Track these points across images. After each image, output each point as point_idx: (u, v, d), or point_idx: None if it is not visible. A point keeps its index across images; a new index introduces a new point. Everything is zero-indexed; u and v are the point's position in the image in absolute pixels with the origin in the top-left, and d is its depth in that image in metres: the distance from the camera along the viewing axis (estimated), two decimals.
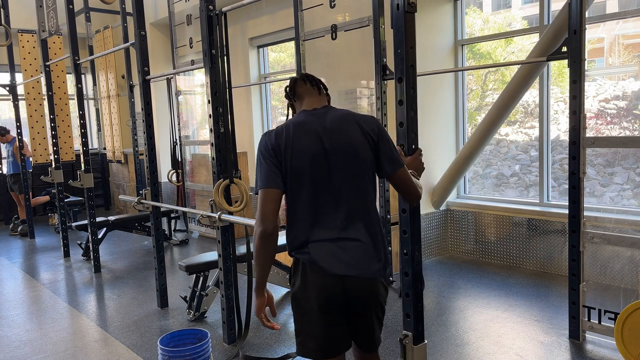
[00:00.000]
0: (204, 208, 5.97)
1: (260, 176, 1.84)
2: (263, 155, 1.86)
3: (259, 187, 1.83)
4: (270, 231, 1.80)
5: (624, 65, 4.81)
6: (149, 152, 3.97)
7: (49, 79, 5.71)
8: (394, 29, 2.18)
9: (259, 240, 1.81)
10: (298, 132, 1.86)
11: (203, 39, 3.28)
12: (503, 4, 5.59)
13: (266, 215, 1.80)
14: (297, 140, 1.84)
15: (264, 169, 1.83)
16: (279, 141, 1.84)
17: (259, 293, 1.91)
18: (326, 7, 4.56)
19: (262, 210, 1.80)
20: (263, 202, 1.81)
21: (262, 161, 1.85)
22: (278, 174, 1.82)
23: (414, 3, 2.13)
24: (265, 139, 1.88)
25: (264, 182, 1.82)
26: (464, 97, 5.36)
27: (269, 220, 1.79)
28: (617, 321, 2.76)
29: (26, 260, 5.91)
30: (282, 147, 1.83)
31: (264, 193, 1.81)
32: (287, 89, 2.08)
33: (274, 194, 1.81)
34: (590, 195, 4.54)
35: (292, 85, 2.06)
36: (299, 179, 1.83)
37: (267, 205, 1.80)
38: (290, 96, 2.07)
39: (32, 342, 3.55)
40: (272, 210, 1.80)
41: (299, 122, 1.90)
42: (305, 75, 2.10)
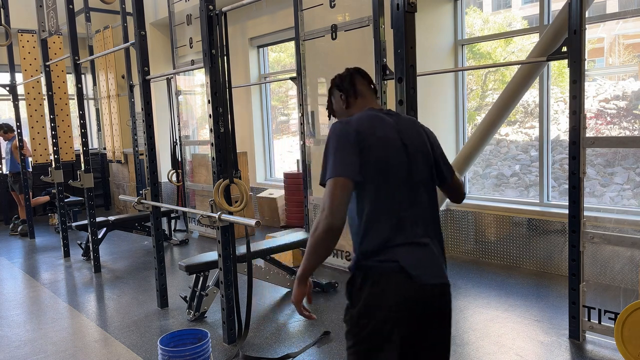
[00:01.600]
0: (204, 208, 5.97)
1: (333, 163, 1.63)
2: (341, 141, 1.66)
3: (332, 175, 1.61)
4: (339, 226, 1.58)
5: (624, 65, 4.81)
6: (149, 152, 3.97)
7: (49, 79, 5.71)
8: (394, 29, 2.18)
9: (326, 234, 1.58)
10: (377, 123, 1.72)
11: (203, 39, 3.28)
12: (503, 4, 5.59)
13: (338, 207, 1.58)
14: (379, 131, 1.69)
15: (340, 156, 1.63)
16: (361, 128, 1.68)
17: (303, 282, 1.69)
18: (326, 7, 4.56)
19: (332, 202, 1.58)
20: (334, 192, 1.59)
21: (339, 147, 1.65)
22: (357, 163, 1.63)
23: (414, 3, 2.13)
24: (343, 125, 1.70)
25: (338, 170, 1.61)
26: (464, 97, 5.36)
27: (341, 214, 1.58)
28: (617, 321, 2.76)
29: (26, 260, 5.91)
30: (365, 135, 1.66)
31: (338, 182, 1.60)
32: (345, 80, 1.92)
33: (349, 185, 1.61)
34: (590, 195, 4.54)
35: (351, 78, 1.92)
36: (382, 172, 1.66)
37: (340, 197, 1.59)
38: (349, 89, 1.91)
39: (32, 342, 3.55)
40: (344, 202, 1.60)
41: (374, 116, 1.76)
42: (363, 72, 1.96)
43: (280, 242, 4.31)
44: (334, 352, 3.16)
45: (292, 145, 7.70)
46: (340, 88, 1.92)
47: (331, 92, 1.97)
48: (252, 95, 7.33)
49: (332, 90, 1.96)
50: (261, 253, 4.08)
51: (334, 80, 1.95)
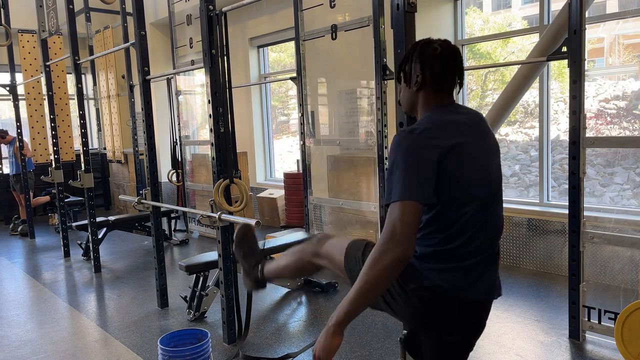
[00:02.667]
0: (204, 208, 5.96)
1: (403, 183, 1.42)
2: (411, 156, 1.44)
3: (401, 197, 1.41)
4: (410, 256, 1.41)
5: (624, 65, 4.81)
6: (149, 152, 3.97)
7: (49, 79, 5.71)
8: (394, 29, 2.18)
9: (396, 264, 1.38)
10: (452, 132, 1.51)
11: (203, 39, 3.28)
12: (503, 4, 5.59)
13: (410, 235, 1.39)
14: (455, 141, 1.48)
15: (410, 175, 1.42)
16: (436, 140, 1.47)
17: (341, 330, 1.45)
18: (326, 7, 4.56)
19: (404, 228, 1.38)
20: (404, 217, 1.39)
21: (410, 163, 1.43)
22: (431, 184, 1.44)
23: (414, 3, 2.13)
24: (413, 136, 1.47)
25: (409, 192, 1.41)
26: (464, 97, 5.36)
27: (413, 242, 1.41)
28: (617, 321, 2.76)
29: (26, 260, 5.91)
30: (441, 149, 1.45)
31: (408, 207, 1.40)
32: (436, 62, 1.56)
33: (420, 210, 1.43)
34: (590, 195, 4.54)
35: (447, 65, 1.57)
36: (460, 192, 1.49)
37: (412, 223, 1.40)
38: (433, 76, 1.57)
39: (32, 342, 3.55)
40: (415, 230, 1.42)
41: (447, 122, 1.54)
42: (460, 58, 1.61)
43: (280, 242, 4.31)
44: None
45: (292, 145, 7.70)
46: (423, 65, 1.58)
47: (411, 59, 1.61)
48: (252, 95, 7.33)
49: (414, 59, 1.61)
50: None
51: (424, 50, 1.58)
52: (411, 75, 1.62)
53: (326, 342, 1.43)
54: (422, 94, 1.61)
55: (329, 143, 4.88)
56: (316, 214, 5.01)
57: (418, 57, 1.59)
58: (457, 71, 1.61)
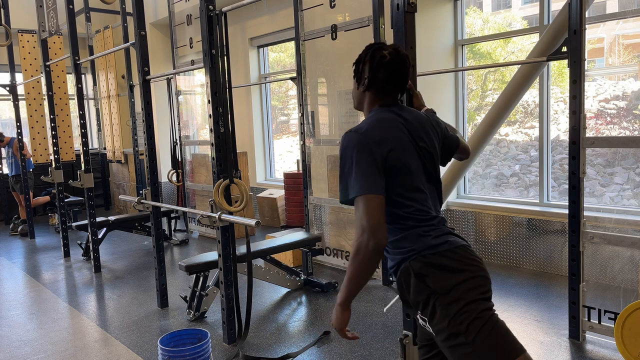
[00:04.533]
0: (204, 208, 5.97)
1: (359, 179, 1.59)
2: (361, 155, 1.61)
3: (361, 192, 1.58)
4: (384, 244, 1.57)
5: (624, 65, 4.81)
6: (149, 152, 3.97)
7: (49, 79, 5.71)
8: (394, 29, 2.18)
9: (372, 254, 1.54)
10: (392, 130, 1.69)
11: (203, 39, 3.28)
12: (503, 4, 5.59)
13: (380, 225, 1.56)
14: (394, 139, 1.67)
15: (364, 171, 1.59)
16: (377, 139, 1.65)
17: (347, 307, 1.65)
18: (326, 7, 4.56)
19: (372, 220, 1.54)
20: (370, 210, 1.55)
21: (361, 162, 1.60)
22: (381, 178, 1.61)
23: (414, 3, 2.13)
24: (360, 136, 1.64)
25: (368, 187, 1.58)
26: (464, 97, 5.36)
27: (384, 231, 1.57)
28: (617, 321, 2.76)
29: (26, 260, 5.91)
30: (382, 146, 1.63)
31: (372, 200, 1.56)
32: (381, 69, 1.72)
33: (382, 202, 1.59)
34: (590, 195, 4.54)
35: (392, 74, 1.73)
36: (402, 183, 1.67)
37: (379, 214, 1.56)
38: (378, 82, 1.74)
39: (32, 342, 3.55)
40: (384, 219, 1.58)
41: (387, 120, 1.72)
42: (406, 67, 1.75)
43: (280, 242, 4.31)
44: (334, 352, 3.16)
45: (292, 145, 7.70)
46: (371, 70, 1.74)
47: (363, 62, 1.78)
48: (252, 95, 7.33)
49: (365, 62, 1.77)
50: (261, 253, 4.08)
51: (373, 55, 1.74)
52: (361, 75, 1.78)
53: (337, 318, 1.65)
54: (368, 94, 1.79)
55: (329, 143, 4.88)
56: (316, 214, 5.01)
57: (368, 60, 1.74)
58: (401, 79, 1.75)
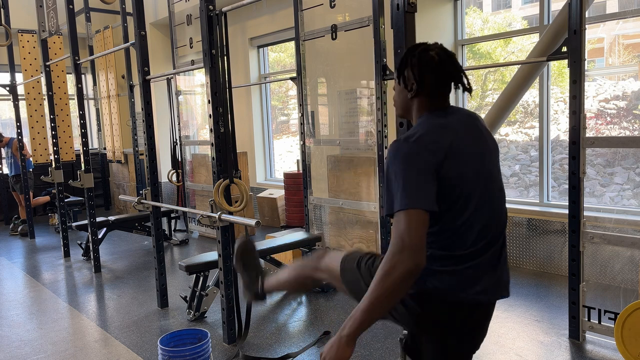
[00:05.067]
0: (204, 208, 5.97)
1: (405, 191, 1.40)
2: (410, 164, 1.44)
3: (405, 206, 1.39)
4: (423, 266, 1.37)
5: (624, 65, 4.81)
6: (149, 152, 3.97)
7: (49, 79, 5.71)
8: (394, 29, 2.18)
9: (408, 275, 1.34)
10: (447, 136, 1.52)
11: (203, 39, 3.28)
12: (503, 4, 5.59)
13: (420, 244, 1.36)
14: (451, 146, 1.50)
15: (411, 183, 1.42)
16: (431, 146, 1.48)
17: (353, 341, 1.41)
18: (326, 7, 4.56)
19: (413, 238, 1.36)
20: (412, 226, 1.36)
21: (410, 171, 1.42)
22: (432, 191, 1.44)
23: (414, 3, 2.13)
24: (410, 144, 1.47)
25: (413, 200, 1.40)
26: (464, 97, 5.36)
27: (424, 252, 1.37)
28: (617, 321, 2.76)
29: (26, 260, 5.91)
30: (438, 155, 1.47)
31: (414, 216, 1.38)
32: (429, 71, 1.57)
33: (426, 219, 1.40)
34: (590, 195, 4.54)
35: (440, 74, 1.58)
36: (459, 197, 1.50)
37: (420, 233, 1.38)
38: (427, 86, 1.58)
39: (32, 342, 3.55)
40: (424, 238, 1.39)
41: (441, 126, 1.55)
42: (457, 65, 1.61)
43: (280, 242, 4.31)
44: None
45: (292, 145, 7.70)
46: (418, 75, 1.58)
47: (406, 66, 1.62)
48: (252, 95, 7.33)
49: (408, 66, 1.61)
50: (261, 253, 4.07)
51: (418, 57, 1.58)
52: (408, 80, 1.61)
53: (338, 353, 1.40)
54: (417, 100, 1.62)
55: (329, 143, 4.88)
56: (316, 214, 5.01)
57: (417, 64, 1.58)
58: (453, 77, 1.61)
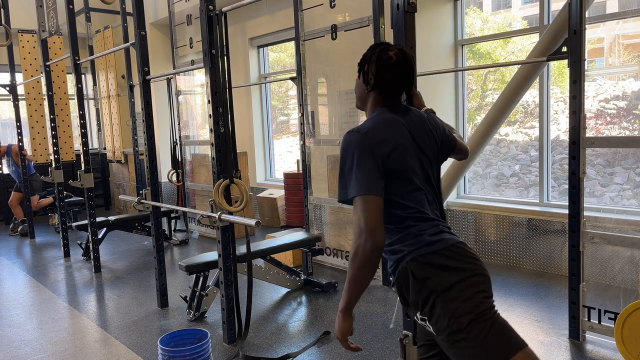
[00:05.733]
0: (204, 208, 5.97)
1: (358, 179, 1.58)
2: (362, 154, 1.60)
3: (360, 192, 1.57)
4: (383, 244, 1.56)
5: (624, 65, 4.81)
6: (149, 152, 3.97)
7: (49, 79, 5.71)
8: (394, 29, 2.19)
9: (371, 255, 1.53)
10: (393, 130, 1.69)
11: (203, 39, 3.28)
12: (503, 4, 5.59)
13: (377, 225, 1.55)
14: (395, 139, 1.67)
15: (364, 171, 1.58)
16: (379, 139, 1.64)
17: (348, 314, 1.63)
18: (326, 7, 4.56)
19: (370, 221, 1.54)
20: (368, 211, 1.55)
21: (361, 161, 1.59)
22: (381, 179, 1.60)
23: (414, 3, 2.13)
24: (361, 136, 1.64)
25: (367, 187, 1.57)
26: (464, 97, 5.36)
27: (381, 231, 1.56)
28: (617, 321, 2.76)
29: (26, 260, 5.91)
30: (383, 147, 1.63)
31: (370, 201, 1.56)
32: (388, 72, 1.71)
33: (380, 203, 1.59)
34: (590, 195, 4.54)
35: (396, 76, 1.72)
36: (403, 185, 1.66)
37: (377, 215, 1.56)
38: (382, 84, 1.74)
39: (32, 342, 3.55)
40: (381, 220, 1.58)
41: (388, 121, 1.71)
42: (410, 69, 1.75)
43: (280, 242, 4.32)
44: (334, 352, 3.16)
45: (292, 145, 7.70)
46: (377, 72, 1.73)
47: (367, 63, 1.77)
48: (252, 95, 7.33)
49: (370, 63, 1.76)
50: (261, 253, 4.08)
51: (379, 57, 1.73)
52: (367, 75, 1.76)
53: (339, 327, 1.64)
54: (372, 95, 1.78)
55: (329, 143, 4.88)
56: (316, 214, 5.01)
57: (375, 61, 1.73)
58: (407, 79, 1.75)
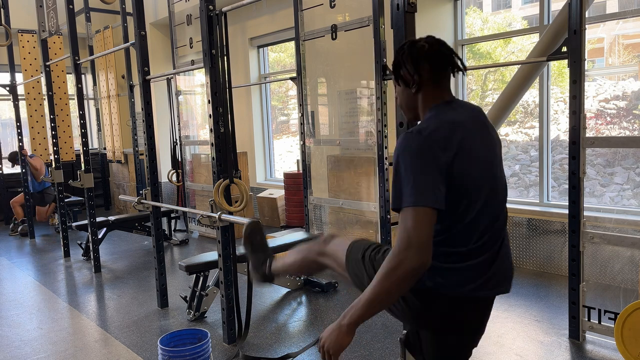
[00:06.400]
0: (204, 208, 5.96)
1: (413, 187, 1.38)
2: (419, 158, 1.40)
3: (413, 203, 1.37)
4: (429, 264, 1.37)
5: (624, 65, 4.81)
6: (149, 152, 3.97)
7: (49, 79, 5.71)
8: (394, 29, 2.18)
9: (413, 272, 1.34)
10: (457, 132, 1.47)
11: (203, 39, 3.28)
12: (503, 4, 5.59)
13: (427, 242, 1.35)
14: (461, 141, 1.46)
15: (420, 178, 1.38)
16: (441, 142, 1.43)
17: (353, 330, 1.45)
18: (326, 7, 4.56)
19: (420, 236, 1.34)
20: (419, 224, 1.35)
21: (418, 166, 1.39)
22: (442, 188, 1.41)
23: (414, 3, 2.13)
24: (419, 138, 1.42)
25: (421, 197, 1.37)
26: (464, 97, 5.36)
27: (430, 250, 1.36)
28: (617, 321, 2.76)
29: (26, 260, 5.91)
30: (447, 150, 1.42)
31: (422, 213, 1.36)
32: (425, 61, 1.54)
33: (434, 217, 1.39)
34: (590, 195, 4.54)
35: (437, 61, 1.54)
36: (467, 194, 1.48)
37: (428, 230, 1.36)
38: (426, 74, 1.55)
39: (32, 342, 3.55)
40: (431, 236, 1.38)
41: (452, 122, 1.49)
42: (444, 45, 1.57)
43: (280, 242, 4.31)
44: None
45: (292, 145, 7.70)
46: (416, 66, 1.56)
47: (403, 63, 1.59)
48: (252, 95, 7.33)
49: (406, 61, 1.58)
50: None
51: (412, 51, 1.56)
52: (407, 77, 1.60)
53: (338, 340, 1.45)
54: (421, 93, 1.59)
55: (329, 143, 4.88)
56: (316, 214, 5.01)
57: (409, 57, 1.57)
58: (448, 59, 1.57)
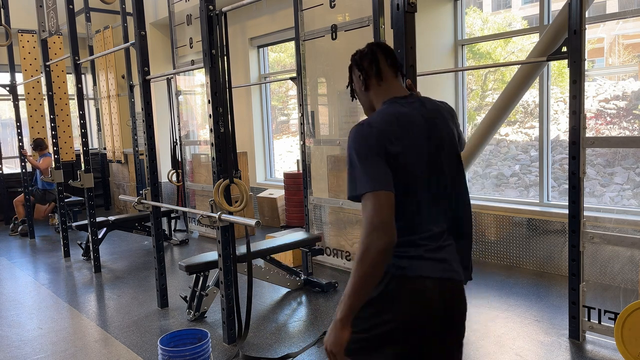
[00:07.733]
0: (204, 208, 5.97)
1: (367, 174, 1.47)
2: (368, 149, 1.49)
3: (370, 188, 1.45)
4: (394, 242, 1.44)
5: (624, 65, 4.81)
6: (149, 152, 3.97)
7: (49, 79, 5.71)
8: (394, 29, 2.19)
9: (383, 254, 1.41)
10: (403, 123, 1.56)
11: (203, 39, 3.28)
12: (503, 4, 5.59)
13: (389, 223, 1.43)
14: (406, 132, 1.54)
15: (371, 166, 1.48)
16: (386, 133, 1.51)
17: (348, 323, 1.45)
18: (326, 7, 4.56)
19: (382, 218, 1.42)
20: (380, 207, 1.43)
21: (368, 156, 1.48)
22: (389, 174, 1.49)
23: (414, 3, 2.13)
24: (365, 129, 1.52)
25: (376, 182, 1.46)
26: (464, 97, 5.36)
27: (393, 229, 1.44)
28: (617, 321, 2.76)
29: (26, 260, 5.91)
30: (392, 140, 1.51)
31: (381, 197, 1.44)
32: (365, 58, 1.69)
33: (392, 199, 1.46)
34: (590, 195, 4.55)
35: (373, 56, 1.68)
36: (410, 184, 1.54)
37: (388, 212, 1.43)
38: (369, 69, 1.68)
39: (32, 342, 3.55)
40: (393, 217, 1.45)
41: (399, 114, 1.57)
42: (387, 48, 1.71)
43: (280, 242, 4.31)
44: None
45: (292, 145, 7.70)
46: (359, 67, 1.70)
47: (351, 70, 1.76)
48: (252, 95, 7.33)
49: (352, 68, 1.75)
50: (261, 253, 4.08)
51: (354, 57, 1.75)
52: (356, 80, 1.73)
53: (336, 337, 1.46)
54: (371, 93, 1.70)
55: (329, 143, 4.88)
56: (316, 214, 5.01)
57: (353, 65, 1.72)
58: (387, 57, 1.68)
